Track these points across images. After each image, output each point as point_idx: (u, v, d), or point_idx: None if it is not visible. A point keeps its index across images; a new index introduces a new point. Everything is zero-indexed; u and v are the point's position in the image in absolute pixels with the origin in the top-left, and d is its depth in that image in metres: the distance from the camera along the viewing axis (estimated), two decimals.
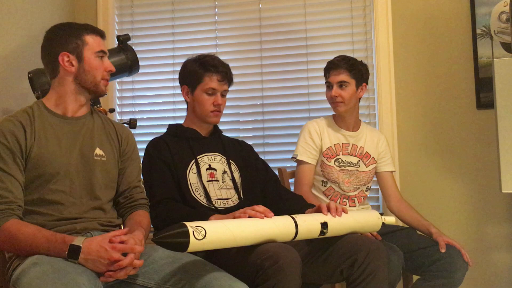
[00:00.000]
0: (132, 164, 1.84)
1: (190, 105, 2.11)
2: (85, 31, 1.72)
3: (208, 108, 2.04)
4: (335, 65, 2.31)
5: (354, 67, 2.31)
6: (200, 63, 2.05)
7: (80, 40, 1.70)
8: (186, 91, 2.09)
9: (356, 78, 2.31)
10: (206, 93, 2.03)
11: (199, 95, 2.05)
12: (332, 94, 2.30)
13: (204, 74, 2.03)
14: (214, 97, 2.04)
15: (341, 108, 2.31)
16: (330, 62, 2.35)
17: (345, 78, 2.29)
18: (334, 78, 2.30)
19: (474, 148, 2.69)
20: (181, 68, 2.13)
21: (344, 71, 2.29)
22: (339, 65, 2.30)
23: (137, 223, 1.71)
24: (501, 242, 2.64)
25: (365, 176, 2.38)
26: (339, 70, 2.30)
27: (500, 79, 2.01)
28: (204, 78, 2.03)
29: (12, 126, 1.61)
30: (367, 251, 1.73)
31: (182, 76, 2.12)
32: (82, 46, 1.70)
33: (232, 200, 2.00)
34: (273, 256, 1.57)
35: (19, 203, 1.57)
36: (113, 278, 1.47)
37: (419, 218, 2.29)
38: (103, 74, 1.73)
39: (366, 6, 2.86)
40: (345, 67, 2.29)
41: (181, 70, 2.13)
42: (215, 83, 2.03)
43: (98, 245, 1.47)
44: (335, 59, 2.35)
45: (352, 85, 2.30)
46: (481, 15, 2.68)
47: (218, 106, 2.05)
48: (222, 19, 3.01)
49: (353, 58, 2.36)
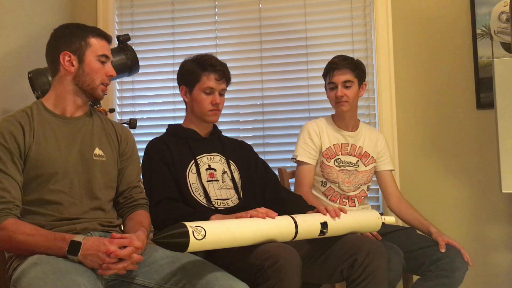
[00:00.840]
0: (132, 164, 1.84)
1: (188, 105, 2.11)
2: (91, 33, 1.72)
3: (206, 107, 2.05)
4: (339, 65, 2.31)
5: (357, 67, 2.32)
6: (197, 63, 2.06)
7: (84, 42, 1.70)
8: (185, 91, 2.10)
9: (358, 78, 2.32)
10: (204, 92, 2.04)
11: (197, 94, 2.05)
12: (338, 94, 2.29)
13: (201, 73, 2.03)
14: (212, 96, 2.04)
15: (345, 107, 2.31)
16: (333, 63, 2.34)
17: (349, 78, 2.29)
18: (339, 78, 2.30)
19: (474, 148, 2.69)
20: (179, 68, 2.13)
21: (348, 71, 2.29)
22: (343, 65, 2.30)
23: (138, 223, 1.71)
24: (501, 242, 2.64)
25: (364, 175, 2.38)
26: (344, 70, 2.29)
27: (500, 79, 2.01)
28: (202, 78, 2.03)
29: (10, 126, 1.61)
30: (367, 251, 1.73)
31: (180, 76, 2.12)
32: (85, 48, 1.70)
33: (232, 200, 2.00)
34: (273, 256, 1.57)
35: (16, 203, 1.57)
36: (111, 271, 1.46)
37: (419, 217, 2.29)
38: (103, 78, 1.73)
39: (366, 6, 2.86)
40: (349, 66, 2.30)
41: (179, 71, 2.13)
42: (212, 82, 2.03)
43: (97, 240, 1.47)
44: (337, 60, 2.34)
45: (355, 84, 2.31)
46: (481, 15, 2.68)
47: (217, 105, 2.05)
48: (222, 19, 3.01)
49: (352, 57, 2.36)
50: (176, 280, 1.51)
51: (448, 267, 2.04)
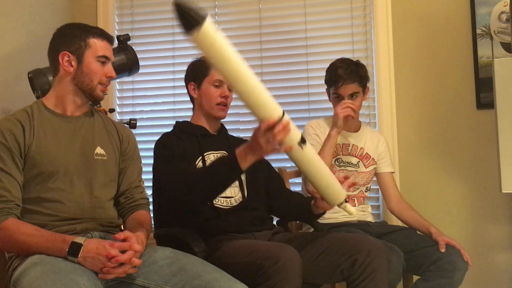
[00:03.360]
0: (133, 164, 1.84)
1: (197, 102, 2.12)
2: (92, 34, 1.72)
3: (215, 100, 2.05)
4: (345, 79, 2.26)
5: (363, 77, 2.30)
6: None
7: (84, 42, 1.70)
8: (193, 87, 2.11)
9: (363, 86, 2.32)
10: (213, 85, 2.05)
11: (206, 88, 2.06)
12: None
13: (210, 67, 2.04)
14: (221, 89, 2.06)
15: (352, 116, 2.27)
16: (338, 75, 2.27)
17: (356, 89, 2.29)
18: (346, 91, 2.28)
19: (474, 148, 2.69)
20: (188, 67, 2.15)
21: (354, 83, 2.28)
22: (350, 78, 2.26)
23: (139, 223, 1.71)
24: (501, 242, 2.64)
25: (364, 176, 2.38)
26: (351, 84, 2.27)
27: (500, 79, 2.01)
28: (211, 71, 2.05)
29: (11, 125, 1.61)
30: (368, 251, 1.73)
31: (188, 73, 2.14)
32: (85, 48, 1.70)
33: (236, 199, 2.00)
34: (273, 256, 1.57)
35: (17, 202, 1.57)
36: (112, 275, 1.46)
37: (419, 218, 2.29)
38: (101, 79, 1.72)
39: (366, 6, 2.86)
40: (356, 79, 2.27)
41: (187, 69, 2.15)
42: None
43: (98, 243, 1.47)
44: (341, 72, 2.27)
45: (361, 93, 2.32)
46: (481, 15, 2.68)
47: (225, 98, 2.06)
48: (222, 19, 3.01)
49: (354, 63, 2.31)
50: (176, 280, 1.51)
51: (448, 267, 2.04)
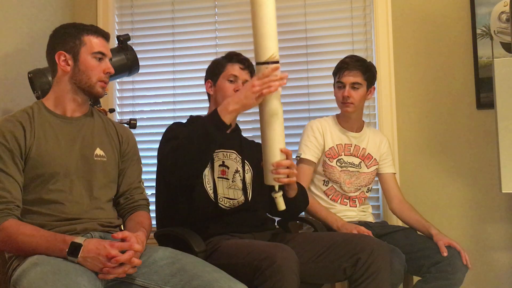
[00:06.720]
0: (133, 165, 1.84)
1: (212, 98, 2.15)
2: (86, 31, 1.72)
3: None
4: (350, 66, 2.29)
5: (368, 70, 2.31)
6: (224, 56, 2.15)
7: (79, 40, 1.70)
8: (210, 84, 2.15)
9: (368, 80, 2.31)
10: (228, 81, 2.08)
11: (222, 83, 2.09)
12: (345, 94, 2.29)
13: (226, 63, 2.11)
14: (236, 84, 2.08)
15: (350, 109, 2.31)
16: (344, 62, 2.32)
17: (358, 80, 2.29)
18: (348, 79, 2.29)
19: (474, 148, 2.69)
20: (208, 66, 2.20)
21: (359, 73, 2.28)
22: (355, 66, 2.28)
23: (138, 223, 1.71)
24: (501, 242, 2.64)
25: (366, 177, 2.38)
26: (354, 71, 2.28)
27: (500, 79, 2.01)
28: (227, 67, 2.10)
29: (11, 126, 1.61)
30: (371, 250, 1.74)
31: (206, 72, 2.19)
32: (80, 46, 1.70)
33: (238, 201, 2.00)
34: (270, 257, 1.58)
35: (17, 203, 1.57)
36: (112, 275, 1.46)
37: (421, 219, 2.28)
38: (100, 75, 1.72)
39: (366, 6, 2.86)
40: (360, 68, 2.28)
41: (206, 69, 2.20)
42: (237, 70, 2.09)
43: (97, 243, 1.47)
44: (349, 60, 2.32)
45: (363, 86, 2.31)
46: (481, 15, 2.68)
47: None
48: (222, 19, 3.01)
49: (365, 59, 2.34)
50: (176, 281, 1.51)
51: (448, 269, 2.04)
